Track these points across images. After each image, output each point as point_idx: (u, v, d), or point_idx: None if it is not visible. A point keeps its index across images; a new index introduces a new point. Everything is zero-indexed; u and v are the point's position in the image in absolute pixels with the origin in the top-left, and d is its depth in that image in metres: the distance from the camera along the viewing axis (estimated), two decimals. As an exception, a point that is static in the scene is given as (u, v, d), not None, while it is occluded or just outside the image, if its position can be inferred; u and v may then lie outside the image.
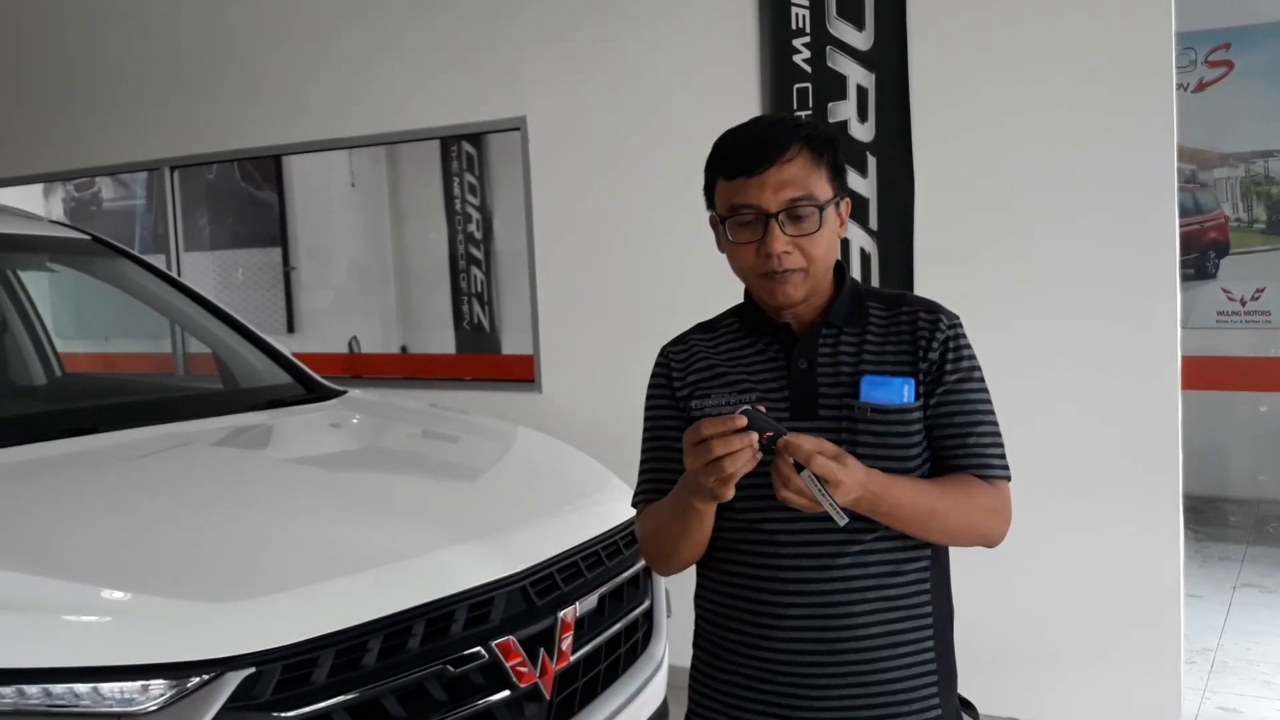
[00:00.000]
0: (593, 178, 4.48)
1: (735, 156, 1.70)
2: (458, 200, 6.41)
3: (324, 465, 2.63)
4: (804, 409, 1.66)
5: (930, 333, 1.68)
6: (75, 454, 2.37)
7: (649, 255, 4.35)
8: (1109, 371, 3.55)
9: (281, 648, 1.66)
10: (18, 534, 1.87)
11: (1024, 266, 3.66)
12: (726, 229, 1.69)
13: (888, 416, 1.64)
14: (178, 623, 1.64)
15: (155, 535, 1.91)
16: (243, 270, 6.95)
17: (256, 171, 6.72)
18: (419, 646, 1.84)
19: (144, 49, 5.72)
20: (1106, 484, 3.56)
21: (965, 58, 3.73)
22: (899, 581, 1.66)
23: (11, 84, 6.24)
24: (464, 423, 3.18)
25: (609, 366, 4.48)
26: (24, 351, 4.00)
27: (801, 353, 1.68)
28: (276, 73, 5.27)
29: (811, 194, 1.63)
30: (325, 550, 1.92)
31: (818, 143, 1.67)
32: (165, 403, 3.21)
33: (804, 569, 1.63)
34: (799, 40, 4.03)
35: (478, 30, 4.66)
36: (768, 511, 1.63)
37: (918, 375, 1.67)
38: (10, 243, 3.54)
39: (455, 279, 6.41)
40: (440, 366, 6.02)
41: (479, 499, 2.44)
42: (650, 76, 4.31)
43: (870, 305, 1.73)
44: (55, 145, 6.08)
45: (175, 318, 3.59)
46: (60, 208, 7.65)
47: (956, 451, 1.68)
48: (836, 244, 1.69)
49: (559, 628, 2.08)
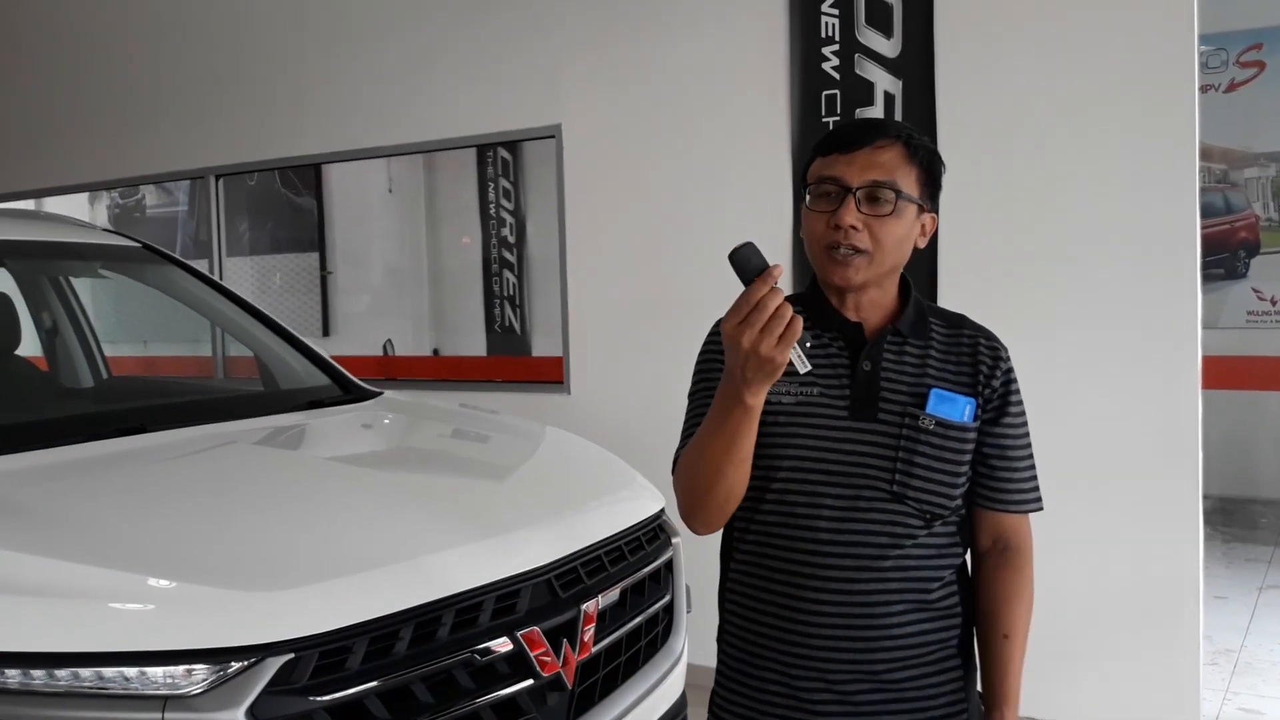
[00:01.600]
0: (625, 184, 4.57)
1: (834, 136, 1.75)
2: (492, 205, 6.48)
3: (360, 463, 2.75)
4: (864, 410, 1.72)
5: (993, 362, 1.76)
6: (126, 452, 2.49)
7: (678, 261, 4.43)
8: (1129, 371, 3.60)
9: (318, 635, 1.76)
10: (73, 527, 1.98)
11: (1047, 270, 3.72)
12: (808, 196, 1.74)
13: (949, 432, 1.71)
14: (221, 610, 1.74)
15: (200, 528, 2.01)
16: (281, 275, 7.06)
17: (296, 178, 6.82)
18: (448, 635, 1.93)
19: (189, 62, 5.87)
20: (1127, 483, 3.60)
21: (991, 65, 3.80)
22: (934, 586, 1.73)
23: (63, 95, 6.41)
24: (494, 422, 3.28)
25: (637, 369, 4.56)
26: (74, 355, 4.14)
27: (869, 355, 1.73)
28: (318, 84, 5.39)
29: (895, 181, 1.68)
30: (360, 543, 2.02)
31: (916, 145, 1.73)
32: (209, 404, 3.34)
33: (846, 569, 1.69)
34: (828, 48, 4.10)
35: (515, 41, 4.77)
36: (815, 508, 1.70)
37: (978, 398, 1.74)
38: (64, 250, 3.69)
39: (488, 283, 6.48)
40: (471, 368, 6.12)
41: (507, 495, 2.54)
42: (683, 85, 4.40)
43: (932, 321, 1.79)
44: (103, 154, 6.24)
45: (220, 322, 3.72)
46: (105, 214, 7.79)
47: (1003, 484, 1.78)
48: (908, 246, 1.75)
49: (581, 619, 2.17)
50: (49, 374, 4.12)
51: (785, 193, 4.18)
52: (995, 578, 1.82)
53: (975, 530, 1.83)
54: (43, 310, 4.15)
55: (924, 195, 1.74)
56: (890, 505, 1.70)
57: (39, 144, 6.55)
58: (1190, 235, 3.50)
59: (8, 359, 3.71)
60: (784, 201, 4.17)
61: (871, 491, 1.70)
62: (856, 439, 1.71)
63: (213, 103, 5.78)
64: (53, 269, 3.94)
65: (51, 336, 4.13)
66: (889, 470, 1.70)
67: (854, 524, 1.69)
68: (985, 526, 1.82)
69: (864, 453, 1.71)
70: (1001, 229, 3.77)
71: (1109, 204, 3.61)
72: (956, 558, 1.78)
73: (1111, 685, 3.66)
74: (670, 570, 2.65)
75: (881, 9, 3.99)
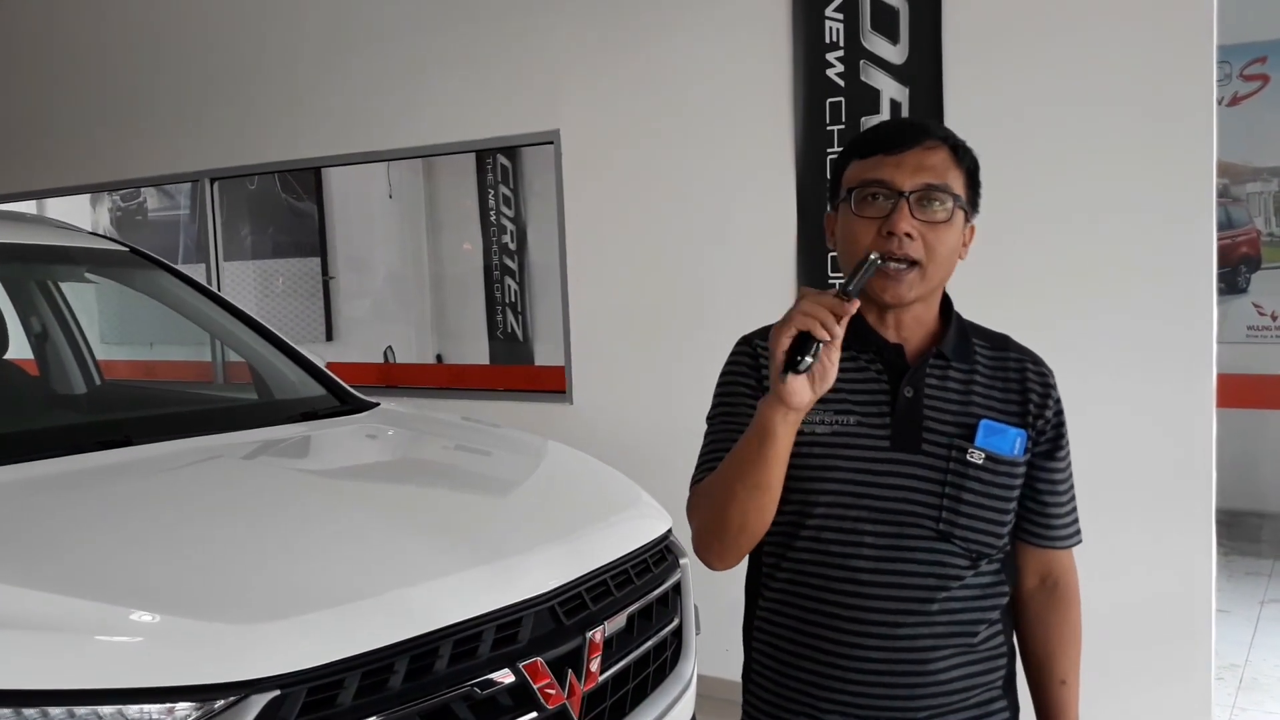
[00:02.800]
0: (625, 190, 4.48)
1: (876, 136, 1.62)
2: (493, 212, 6.45)
3: (353, 481, 2.63)
4: (906, 440, 1.59)
5: (1044, 391, 1.66)
6: (106, 467, 2.38)
7: (681, 268, 4.34)
8: (1143, 383, 3.51)
9: (307, 670, 1.65)
10: (43, 551, 1.87)
11: (1058, 282, 3.62)
12: (851, 201, 1.59)
13: (999, 466, 1.59)
14: (203, 644, 1.63)
15: (182, 554, 1.90)
16: (283, 279, 7.02)
17: (297, 183, 6.79)
18: (446, 668, 1.83)
19: (185, 63, 5.81)
20: (1139, 496, 3.51)
21: (1001, 72, 3.69)
22: (980, 628, 1.62)
23: (58, 97, 6.35)
24: (494, 437, 3.17)
25: (641, 379, 4.47)
26: (65, 360, 4.04)
27: (910, 380, 1.61)
28: (314, 86, 5.32)
29: (948, 184, 1.56)
30: (353, 570, 1.91)
31: (961, 149, 1.61)
32: (198, 415, 3.23)
33: (890, 612, 1.57)
34: (832, 54, 4.01)
35: (512, 45, 4.69)
36: (854, 546, 1.58)
37: (1028, 430, 1.62)
38: (49, 254, 3.57)
39: (490, 289, 6.44)
40: (473, 377, 6.04)
41: (508, 517, 2.42)
42: (684, 91, 4.31)
43: (976, 342, 1.68)
44: (99, 157, 6.18)
45: (210, 328, 3.61)
46: (107, 218, 7.76)
47: (1050, 519, 1.68)
48: (955, 259, 1.62)
49: (587, 648, 2.06)
50: (39, 379, 4.02)
51: (788, 201, 4.07)
52: (1046, 619, 1.73)
53: (1020, 568, 1.72)
54: (31, 315, 4.06)
55: (969, 201, 1.63)
56: (936, 545, 1.58)
57: (35, 146, 6.48)
58: (1206, 252, 3.39)
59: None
60: (787, 210, 4.07)
61: (916, 529, 1.58)
62: (899, 472, 1.59)
63: (208, 106, 5.72)
64: (38, 273, 3.83)
65: (41, 341, 4.04)
66: (934, 507, 1.58)
67: (896, 564, 1.57)
68: (1031, 564, 1.72)
69: (907, 487, 1.59)
70: (1012, 244, 3.65)
71: (1124, 220, 3.51)
72: (1002, 597, 1.67)
73: (1123, 699, 3.56)
74: (678, 593, 2.55)
75: (887, 14, 3.88)
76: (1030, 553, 1.71)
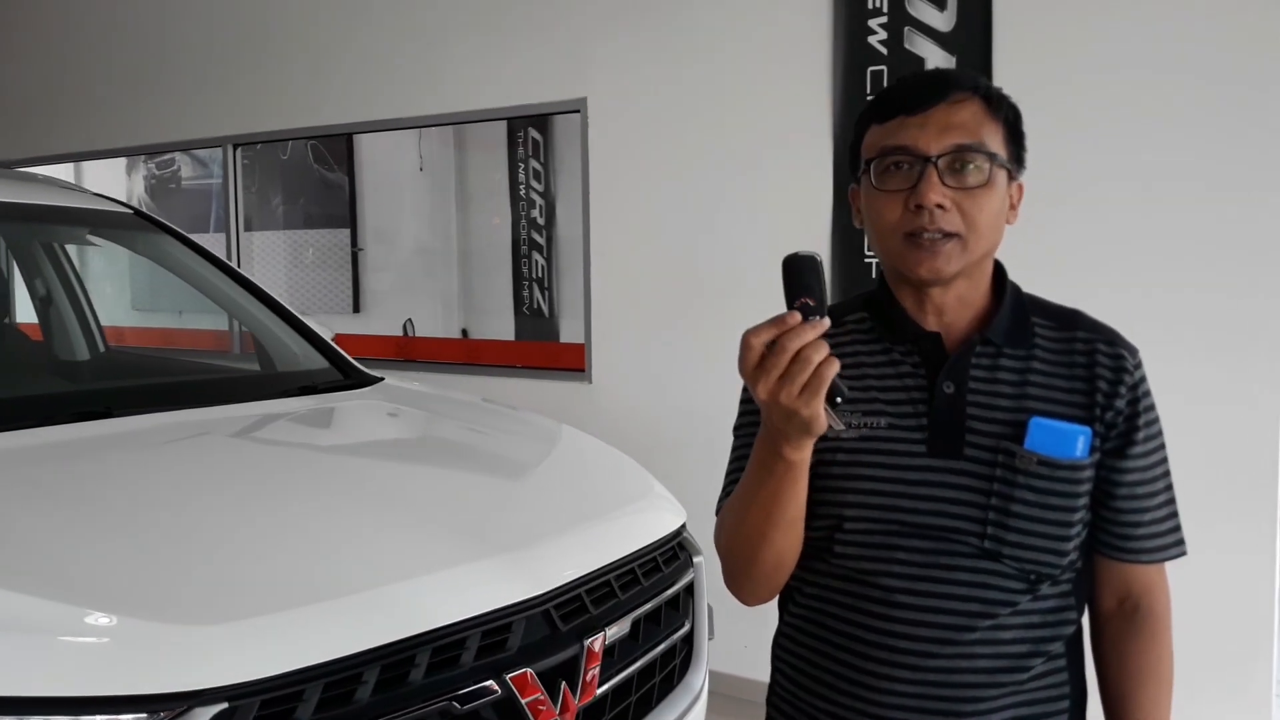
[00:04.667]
0: (654, 163, 4.28)
1: (894, 95, 1.39)
2: (522, 186, 6.34)
3: (336, 464, 2.39)
4: (946, 444, 1.36)
5: (1115, 375, 1.38)
6: (74, 441, 2.20)
7: (710, 245, 4.14)
8: (1209, 388, 3.26)
9: (261, 680, 1.46)
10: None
11: (1115, 272, 3.36)
12: (871, 174, 1.38)
13: (1056, 472, 1.35)
14: (141, 649, 1.43)
15: (131, 543, 1.70)
16: (313, 250, 6.96)
17: (329, 153, 6.72)
18: (423, 678, 1.63)
19: (209, 27, 5.70)
20: (1202, 507, 3.26)
21: (1055, 41, 3.43)
22: (1035, 662, 1.37)
23: (84, 62, 6.28)
24: (498, 418, 2.96)
25: (663, 359, 4.28)
26: (68, 326, 3.90)
27: (950, 374, 1.38)
28: (338, 54, 5.19)
29: (983, 142, 1.34)
30: (322, 566, 1.72)
31: (996, 98, 1.38)
32: (187, 386, 3.05)
33: (923, 640, 1.35)
34: (875, 20, 3.78)
35: (541, 9, 4.50)
36: (885, 564, 1.36)
37: (1095, 424, 1.36)
38: (50, 214, 3.42)
39: (517, 264, 6.33)
40: (490, 352, 5.88)
41: (503, 508, 2.19)
42: (715, 59, 4.10)
43: (1036, 322, 1.43)
44: (124, 121, 6.11)
45: (214, 296, 3.44)
46: (142, 185, 7.79)
47: (1132, 528, 1.40)
48: (1002, 224, 1.39)
49: (585, 658, 1.86)
50: (41, 345, 3.89)
51: (824, 177, 3.85)
52: (1124, 649, 1.45)
53: (1096, 586, 1.46)
54: (35, 278, 3.92)
55: (1012, 157, 1.38)
56: (981, 564, 1.35)
57: (63, 110, 6.40)
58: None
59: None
60: (824, 184, 3.85)
61: (956, 546, 1.35)
62: (937, 481, 1.36)
63: (231, 71, 5.61)
64: (41, 234, 3.68)
65: (45, 305, 3.90)
66: (979, 521, 1.35)
67: (934, 585, 1.35)
68: (1109, 581, 1.45)
69: (946, 498, 1.36)
70: (1068, 228, 3.40)
71: (1188, 202, 3.25)
72: (1068, 626, 1.41)
73: (1179, 714, 3.34)
74: (691, 594, 2.34)
75: (935, -22, 3.65)
76: (1107, 567, 1.45)
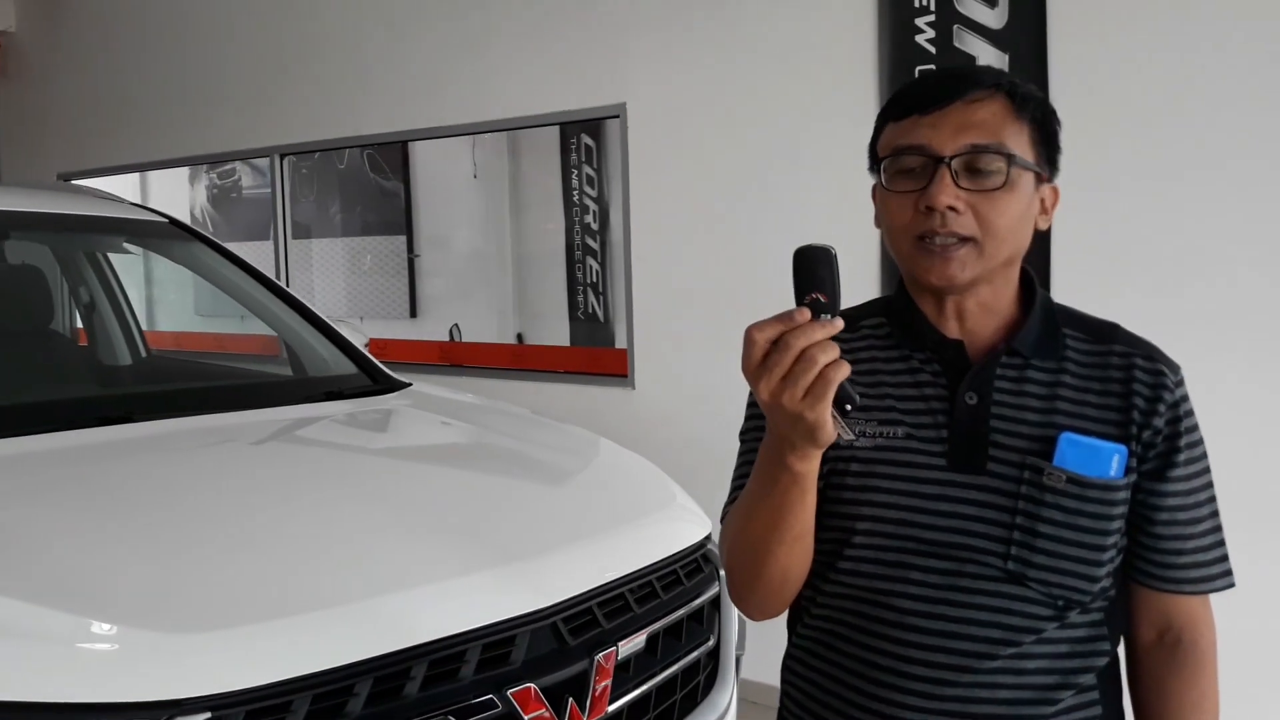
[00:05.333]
0: (695, 167, 4.22)
1: (910, 93, 1.31)
2: (575, 191, 6.32)
3: (351, 470, 2.33)
4: (968, 458, 1.27)
5: (1153, 391, 1.29)
6: (88, 446, 2.17)
7: (753, 250, 4.04)
8: (1269, 398, 3.11)
9: (245, 690, 1.41)
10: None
11: (1171, 275, 3.22)
12: (883, 174, 1.33)
13: (1087, 491, 1.25)
14: (123, 655, 1.39)
15: (122, 549, 1.66)
16: (371, 257, 7.04)
17: (385, 162, 6.79)
18: (418, 692, 1.57)
19: (257, 38, 5.77)
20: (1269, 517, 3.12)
21: (1112, 40, 3.29)
22: (1064, 695, 1.27)
23: (140, 74, 6.40)
24: (522, 425, 2.89)
25: (707, 365, 4.20)
26: (110, 332, 3.94)
27: (973, 384, 1.30)
28: (380, 64, 5.22)
29: (1002, 142, 1.25)
30: (318, 575, 1.66)
31: (1022, 96, 1.29)
32: (211, 392, 3.03)
33: (938, 666, 1.25)
34: (922, 19, 3.68)
35: (580, 13, 4.47)
36: (900, 584, 1.27)
37: (1131, 443, 1.27)
38: (88, 223, 3.47)
39: (571, 270, 6.32)
40: (534, 357, 5.85)
41: (513, 518, 2.11)
42: (757, 62, 4.02)
43: (1068, 334, 1.34)
44: (177, 133, 6.24)
45: (245, 302, 3.44)
46: (204, 195, 7.96)
47: (1174, 556, 1.31)
48: (1027, 228, 1.30)
49: (594, 672, 1.79)
50: (86, 350, 3.94)
51: (871, 179, 3.74)
52: (1164, 685, 1.34)
53: (1134, 617, 1.36)
54: (79, 285, 3.97)
55: (1040, 160, 1.29)
56: (1004, 587, 1.25)
57: (120, 122, 6.52)
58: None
59: (44, 334, 3.50)
60: (870, 189, 3.74)
61: (977, 568, 1.26)
62: (955, 497, 1.27)
63: (277, 83, 5.67)
64: (81, 243, 3.73)
65: (90, 312, 3.95)
66: (1002, 541, 1.25)
67: (951, 608, 1.25)
68: (1148, 613, 1.35)
69: (967, 515, 1.26)
70: (1129, 230, 3.26)
71: (1246, 205, 3.10)
72: (1101, 657, 1.30)
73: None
74: (716, 607, 2.25)
75: (986, -26, 3.55)
76: (1146, 597, 1.35)
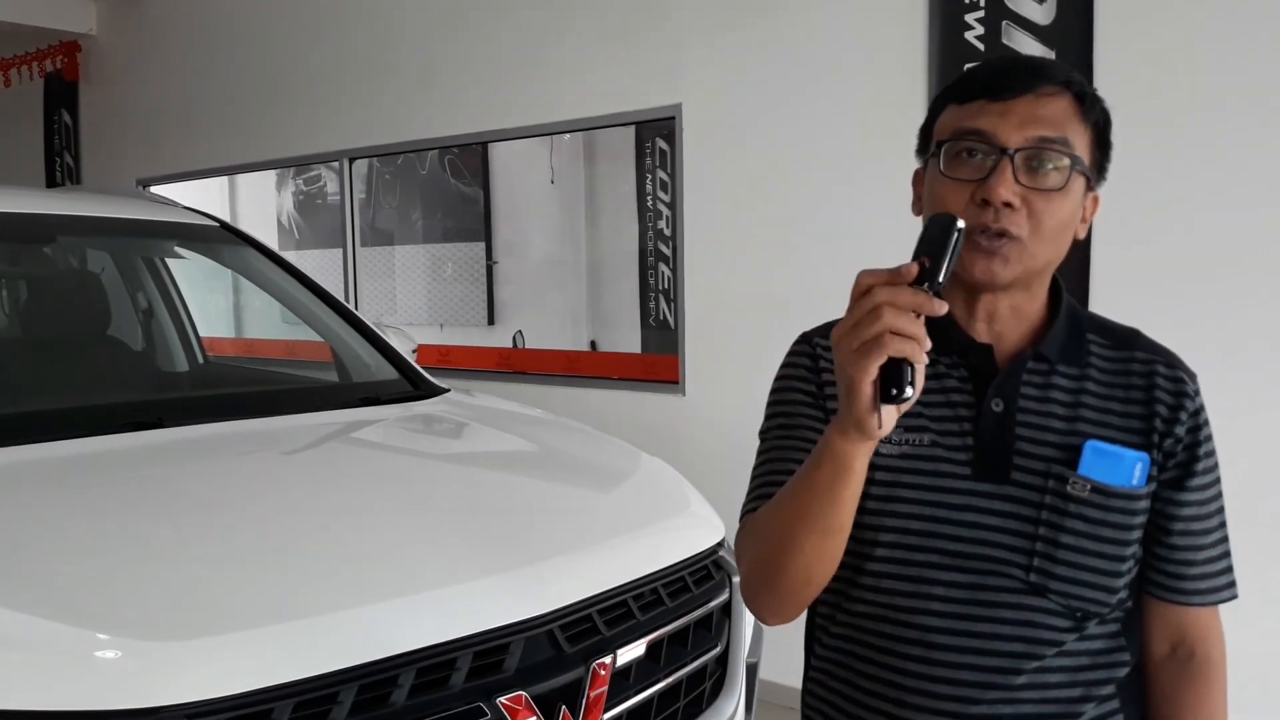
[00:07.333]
0: (748, 170, 4.19)
1: (979, 76, 1.27)
2: (649, 197, 6.31)
3: (366, 476, 2.31)
4: (992, 467, 1.25)
5: (1175, 400, 1.28)
6: (106, 453, 2.20)
7: (806, 254, 4.01)
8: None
9: (224, 698, 1.42)
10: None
11: (1219, 278, 3.11)
12: (941, 157, 1.26)
13: (1110, 501, 1.24)
14: (100, 663, 1.42)
15: (110, 555, 1.69)
16: (451, 264, 7.11)
17: (465, 167, 6.86)
18: (405, 700, 1.58)
19: (325, 42, 5.86)
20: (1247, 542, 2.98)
21: (1160, 37, 3.20)
22: (1085, 707, 1.26)
23: (212, 80, 6.55)
24: (544, 430, 2.89)
25: (759, 373, 4.13)
26: (168, 337, 4.02)
27: (999, 389, 1.27)
28: (440, 67, 5.27)
29: (1068, 140, 1.22)
30: (306, 582, 1.68)
31: (1089, 99, 1.25)
32: (246, 397, 3.07)
33: (964, 684, 1.24)
34: (971, 15, 3.63)
35: (633, 16, 4.46)
36: (923, 600, 1.25)
37: (1152, 451, 1.25)
38: (137, 227, 3.53)
39: (644, 276, 6.30)
40: (589, 364, 5.85)
41: (519, 525, 2.10)
42: (809, 61, 3.98)
43: (1091, 339, 1.32)
44: (250, 137, 6.38)
45: (293, 307, 3.49)
46: (290, 201, 8.11)
47: (1185, 568, 1.29)
48: (1069, 235, 1.26)
49: (589, 680, 1.78)
50: (143, 355, 4.01)
51: (923, 181, 3.68)
52: (1177, 698, 1.33)
53: (1148, 631, 1.34)
54: (137, 291, 4.05)
55: (1094, 165, 1.26)
56: (1025, 599, 1.23)
57: (195, 129, 6.67)
58: None
59: (102, 339, 3.58)
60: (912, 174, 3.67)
61: (1000, 580, 1.24)
62: (979, 507, 1.25)
63: (346, 87, 5.75)
64: (134, 248, 3.80)
65: (148, 319, 4.03)
66: (1025, 552, 1.23)
67: (975, 623, 1.24)
68: (1160, 625, 1.34)
69: (991, 526, 1.24)
70: (1173, 234, 3.16)
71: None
72: (1119, 668, 1.29)
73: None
74: (727, 614, 2.23)
75: (1035, -29, 3.48)
76: (1158, 610, 1.33)
